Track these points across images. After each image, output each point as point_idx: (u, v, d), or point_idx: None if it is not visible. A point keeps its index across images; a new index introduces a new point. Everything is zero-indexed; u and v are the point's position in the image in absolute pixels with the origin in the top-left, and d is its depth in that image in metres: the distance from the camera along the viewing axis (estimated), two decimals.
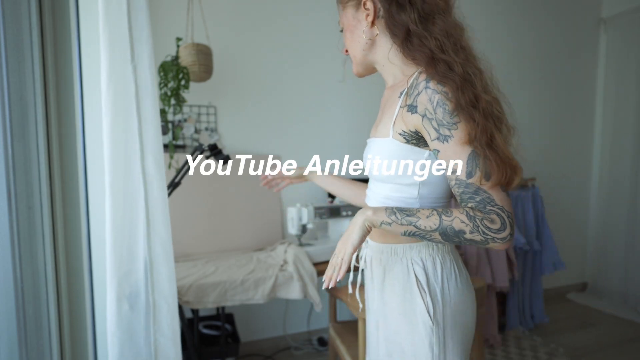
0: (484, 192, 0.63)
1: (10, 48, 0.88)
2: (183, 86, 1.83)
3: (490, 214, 0.62)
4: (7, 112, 0.86)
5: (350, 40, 0.79)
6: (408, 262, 0.75)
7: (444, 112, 0.64)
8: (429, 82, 0.66)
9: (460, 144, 0.64)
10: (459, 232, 0.63)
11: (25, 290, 0.92)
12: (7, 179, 0.86)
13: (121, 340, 0.93)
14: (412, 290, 0.73)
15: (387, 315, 0.77)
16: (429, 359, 0.71)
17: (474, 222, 0.62)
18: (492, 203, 0.62)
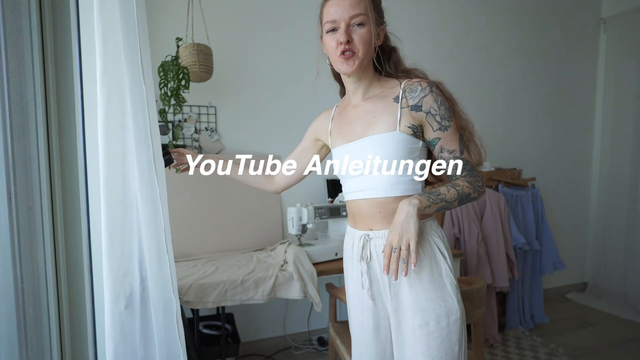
0: (469, 163, 0.88)
1: (10, 48, 0.88)
2: (183, 86, 1.83)
3: (476, 177, 0.86)
4: (7, 112, 0.86)
5: (369, 42, 0.89)
6: (427, 236, 0.89)
7: (445, 109, 0.88)
8: (432, 88, 0.88)
9: (454, 131, 0.89)
10: (468, 195, 0.84)
11: (25, 290, 0.92)
12: (7, 179, 0.86)
13: (116, 340, 0.93)
14: (437, 259, 0.87)
15: (417, 287, 0.87)
16: (458, 314, 0.86)
17: (473, 185, 0.85)
18: (474, 169, 0.88)
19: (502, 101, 2.99)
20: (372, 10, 0.88)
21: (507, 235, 2.39)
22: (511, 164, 3.01)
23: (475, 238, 2.27)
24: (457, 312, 0.86)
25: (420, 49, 2.66)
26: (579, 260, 3.39)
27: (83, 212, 1.03)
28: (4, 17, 0.85)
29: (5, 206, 0.85)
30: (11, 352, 0.88)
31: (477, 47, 2.86)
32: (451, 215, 2.30)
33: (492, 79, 2.94)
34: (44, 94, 1.00)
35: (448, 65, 2.76)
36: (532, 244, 2.57)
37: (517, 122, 3.06)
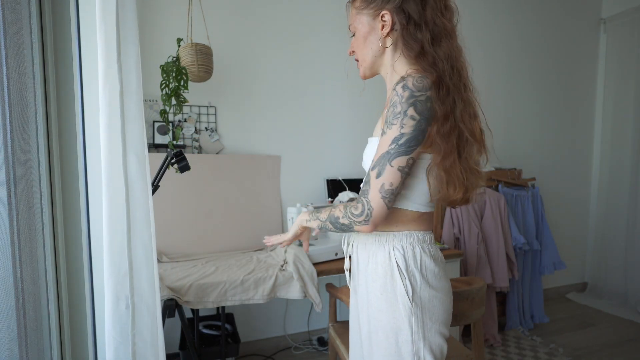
0: (368, 185, 0.76)
1: (10, 48, 0.88)
2: (182, 86, 1.83)
3: (358, 203, 0.78)
4: (7, 112, 0.86)
5: (363, 45, 0.86)
6: (389, 249, 0.83)
7: (392, 112, 0.74)
8: (398, 84, 0.74)
9: (384, 142, 0.75)
10: (337, 218, 0.81)
11: (25, 290, 0.92)
12: (7, 179, 0.86)
13: (116, 340, 0.93)
14: (393, 274, 0.81)
15: (370, 295, 0.84)
16: (408, 336, 0.79)
17: (345, 211, 0.80)
18: (366, 195, 0.76)
19: (502, 101, 2.99)
20: (363, 10, 0.84)
21: (507, 235, 2.39)
22: (511, 164, 3.01)
23: (475, 238, 2.27)
24: (407, 333, 0.79)
25: None
26: (579, 260, 3.39)
27: (83, 212, 1.03)
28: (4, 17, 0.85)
29: (5, 206, 0.85)
30: (11, 352, 0.88)
31: (476, 47, 2.86)
32: (451, 215, 2.30)
33: (491, 79, 2.94)
34: (44, 94, 1.00)
35: None
36: (532, 244, 2.57)
37: (517, 122, 3.06)
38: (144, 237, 0.97)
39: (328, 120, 2.41)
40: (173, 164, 1.50)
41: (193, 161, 1.97)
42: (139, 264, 0.96)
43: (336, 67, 2.41)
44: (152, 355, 0.99)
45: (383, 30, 0.82)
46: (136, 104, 0.95)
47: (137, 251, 0.96)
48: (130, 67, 0.93)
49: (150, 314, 0.99)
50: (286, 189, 2.30)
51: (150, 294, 0.99)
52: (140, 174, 0.96)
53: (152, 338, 0.99)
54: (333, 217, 0.82)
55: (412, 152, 0.74)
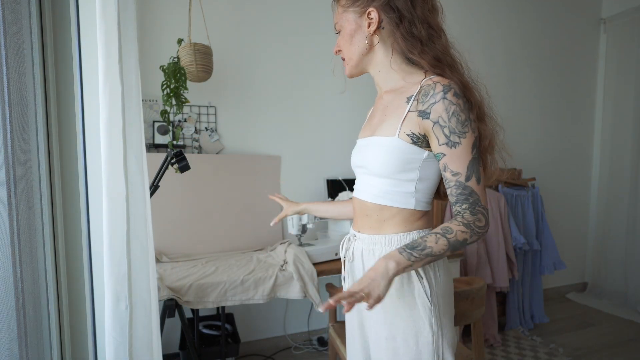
0: (475, 194, 0.75)
1: (10, 48, 0.88)
2: (181, 86, 1.83)
3: (477, 215, 0.75)
4: (7, 112, 0.86)
5: (349, 43, 0.85)
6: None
7: (457, 121, 0.74)
8: (446, 93, 0.74)
9: (465, 151, 0.74)
10: (463, 242, 0.74)
11: (25, 290, 0.92)
12: (7, 179, 0.86)
13: (117, 340, 0.93)
14: (410, 276, 0.80)
15: (385, 300, 0.80)
16: (429, 337, 0.78)
17: (470, 229, 0.74)
18: (479, 204, 0.75)
19: (502, 101, 2.99)
20: (349, 8, 0.82)
21: (507, 235, 2.39)
22: (511, 164, 3.01)
23: None
24: (428, 334, 0.78)
25: None
26: (579, 260, 3.39)
27: (83, 212, 1.03)
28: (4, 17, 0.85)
29: (5, 206, 0.85)
30: (11, 352, 0.88)
31: (476, 47, 2.86)
32: (451, 215, 2.30)
33: (491, 79, 2.94)
34: (44, 94, 1.00)
35: None
36: (532, 244, 2.57)
37: (517, 122, 3.06)
38: (141, 238, 0.97)
39: (328, 120, 2.41)
40: (173, 164, 1.50)
41: (193, 161, 1.97)
42: (136, 264, 0.97)
43: (337, 67, 2.41)
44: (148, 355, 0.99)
45: (370, 28, 0.81)
46: (136, 104, 0.95)
47: (135, 251, 0.96)
48: (131, 67, 0.93)
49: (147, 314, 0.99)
50: (286, 189, 2.30)
51: (147, 294, 0.99)
52: (139, 175, 0.96)
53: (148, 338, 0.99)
54: (458, 243, 0.74)
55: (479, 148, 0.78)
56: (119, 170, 0.91)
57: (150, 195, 1.40)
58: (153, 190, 1.47)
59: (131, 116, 0.94)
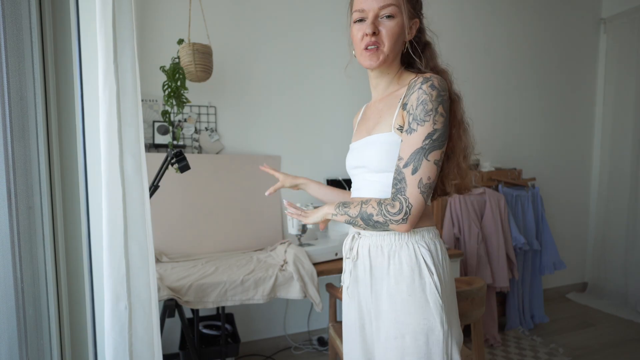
0: (404, 182, 0.76)
1: (10, 48, 0.88)
2: (180, 86, 1.83)
3: (395, 201, 0.77)
4: (7, 112, 0.86)
5: (397, 37, 0.83)
6: (414, 246, 0.81)
7: (422, 109, 0.76)
8: (423, 84, 0.77)
9: (416, 139, 0.76)
10: (370, 215, 0.78)
11: (25, 290, 0.92)
12: (7, 179, 0.86)
13: (116, 340, 0.93)
14: (421, 272, 0.80)
15: (395, 298, 0.81)
16: (440, 335, 0.78)
17: (380, 208, 0.78)
18: (402, 193, 0.76)
19: (502, 101, 2.99)
20: (405, 2, 0.82)
21: (507, 235, 2.39)
22: (511, 164, 3.01)
23: (475, 238, 2.27)
24: (439, 333, 0.78)
25: None
26: (579, 260, 3.39)
27: (83, 212, 1.03)
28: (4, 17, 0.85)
29: (5, 206, 0.85)
30: (11, 352, 0.88)
31: (476, 47, 2.86)
32: (451, 215, 2.30)
33: (491, 79, 2.94)
34: (44, 94, 1.00)
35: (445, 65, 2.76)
36: (532, 244, 2.57)
37: (517, 122, 3.06)
38: (140, 238, 0.97)
39: (328, 120, 2.41)
40: (173, 164, 1.50)
41: (193, 161, 1.97)
42: (135, 264, 0.96)
43: (337, 68, 2.41)
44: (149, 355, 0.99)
45: (409, 35, 0.85)
46: (133, 104, 0.95)
47: (133, 251, 0.96)
48: (127, 67, 0.93)
49: (146, 314, 0.99)
50: (286, 189, 2.30)
51: (146, 294, 0.99)
52: (136, 175, 0.96)
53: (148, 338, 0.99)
54: (365, 214, 0.79)
55: (443, 146, 0.77)
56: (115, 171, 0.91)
57: (150, 195, 1.40)
58: (153, 190, 1.47)
59: (128, 116, 0.94)
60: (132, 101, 0.95)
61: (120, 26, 0.91)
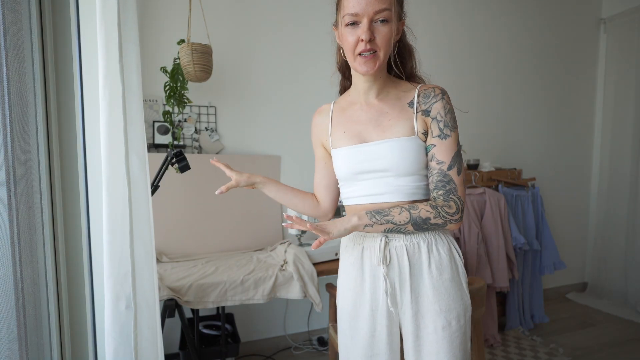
0: (453, 183, 0.83)
1: (10, 48, 0.88)
2: (180, 86, 1.83)
3: (449, 202, 0.82)
4: (7, 112, 0.86)
5: (391, 40, 0.82)
6: (449, 240, 0.90)
7: (451, 117, 0.85)
8: (444, 95, 0.86)
9: (453, 143, 0.84)
10: (426, 220, 0.81)
11: (25, 290, 0.92)
12: (7, 179, 0.86)
13: (116, 341, 0.93)
14: (456, 261, 0.89)
15: (440, 289, 0.86)
16: (469, 313, 0.90)
17: (436, 210, 0.81)
18: (455, 193, 0.83)
19: (502, 101, 2.99)
20: (396, 3, 0.81)
21: (507, 235, 2.39)
22: (511, 164, 3.01)
23: (475, 238, 2.27)
24: (470, 308, 0.91)
25: (419, 49, 2.66)
26: (579, 260, 3.39)
27: (83, 212, 1.03)
28: (4, 17, 0.85)
29: (5, 206, 0.85)
30: (11, 352, 0.88)
31: (476, 47, 2.86)
32: None
33: (492, 79, 2.94)
34: (44, 94, 1.00)
35: (447, 65, 2.76)
36: (532, 244, 2.57)
37: (517, 122, 3.06)
38: (145, 237, 0.97)
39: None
40: (173, 164, 1.50)
41: (193, 161, 1.97)
42: (140, 263, 0.97)
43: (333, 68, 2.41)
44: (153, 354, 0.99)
45: (397, 36, 0.87)
46: (137, 104, 0.96)
47: (139, 251, 0.96)
48: (132, 67, 0.93)
49: (151, 313, 0.99)
50: None
51: (151, 293, 0.99)
52: (141, 175, 0.96)
53: (152, 337, 0.99)
54: (420, 219, 0.80)
55: None
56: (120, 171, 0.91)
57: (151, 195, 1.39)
58: (153, 190, 1.47)
59: (132, 116, 0.94)
60: (137, 101, 0.95)
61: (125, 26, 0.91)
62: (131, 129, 0.94)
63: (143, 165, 0.97)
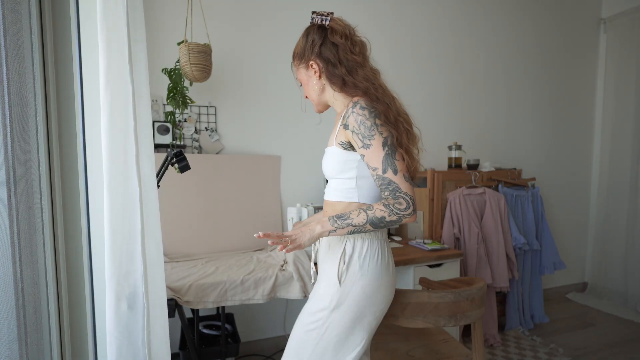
0: (393, 183, 0.92)
1: (10, 48, 0.88)
2: (180, 87, 1.83)
3: (399, 199, 0.91)
4: (7, 112, 0.86)
5: (307, 89, 1.12)
6: (344, 239, 1.01)
7: (364, 127, 0.93)
8: (354, 108, 0.95)
9: (377, 149, 0.93)
10: (381, 218, 0.91)
11: (25, 290, 0.92)
12: (7, 179, 0.86)
13: (119, 340, 0.93)
14: (338, 258, 0.99)
15: (322, 273, 1.05)
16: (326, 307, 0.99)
17: (389, 209, 0.91)
18: (400, 191, 0.92)
19: (502, 101, 3.00)
20: (299, 65, 1.09)
21: (507, 235, 2.39)
22: (511, 164, 3.01)
23: (475, 238, 2.27)
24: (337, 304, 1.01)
25: (420, 49, 2.66)
26: (579, 260, 3.39)
27: (83, 212, 1.03)
28: (4, 17, 0.85)
29: (5, 206, 0.85)
30: (11, 352, 0.88)
31: (477, 47, 2.86)
32: (451, 215, 2.30)
33: (492, 79, 2.94)
34: (44, 94, 1.00)
35: (447, 65, 2.76)
36: (532, 244, 2.57)
37: (517, 122, 3.06)
38: (156, 236, 0.98)
39: (328, 120, 2.41)
40: (173, 164, 1.50)
41: (193, 161, 1.97)
42: (152, 262, 0.97)
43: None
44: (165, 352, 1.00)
45: (316, 75, 1.06)
46: (145, 104, 0.96)
47: (151, 250, 0.96)
48: (141, 68, 0.94)
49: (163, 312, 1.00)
50: (286, 189, 2.30)
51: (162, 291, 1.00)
52: (151, 174, 0.97)
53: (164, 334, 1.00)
54: (376, 219, 0.91)
55: (398, 146, 0.94)
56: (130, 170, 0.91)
57: None
58: None
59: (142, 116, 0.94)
60: (145, 101, 0.95)
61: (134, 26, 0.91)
62: (141, 129, 0.94)
63: (152, 165, 0.97)
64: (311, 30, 1.05)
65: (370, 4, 2.51)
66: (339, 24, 1.04)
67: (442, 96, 2.76)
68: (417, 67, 2.67)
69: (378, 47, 2.54)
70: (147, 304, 0.96)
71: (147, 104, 0.96)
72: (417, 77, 2.67)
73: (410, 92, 2.65)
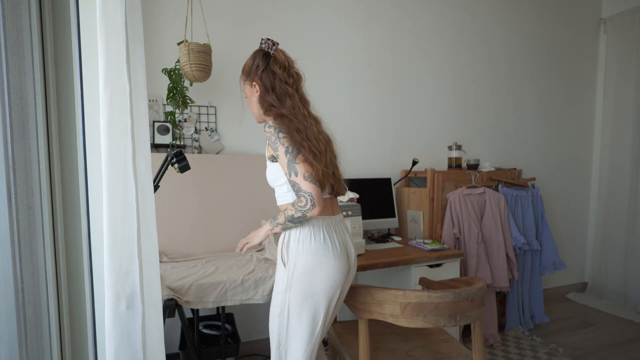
0: (297, 185, 1.11)
1: (11, 48, 0.88)
2: (180, 87, 1.83)
3: (300, 198, 1.10)
4: (7, 112, 0.86)
5: (250, 103, 1.29)
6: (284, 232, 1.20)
7: (272, 142, 1.14)
8: (265, 127, 1.16)
9: (282, 158, 1.13)
10: (292, 216, 1.12)
11: (25, 290, 0.92)
12: (7, 179, 0.86)
13: (117, 340, 0.93)
14: (280, 246, 1.20)
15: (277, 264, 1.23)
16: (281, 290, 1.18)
17: (294, 207, 1.11)
18: (301, 190, 1.10)
19: (502, 101, 3.00)
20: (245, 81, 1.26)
21: (507, 235, 2.39)
22: (511, 164, 3.01)
23: (475, 238, 2.27)
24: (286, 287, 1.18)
25: (420, 49, 2.66)
26: (579, 260, 3.39)
27: (83, 212, 1.03)
28: (4, 17, 0.85)
29: (5, 206, 0.85)
30: (11, 352, 0.88)
31: (477, 47, 2.86)
32: (451, 216, 2.30)
33: (492, 79, 2.94)
34: (44, 94, 1.00)
35: (447, 65, 2.76)
36: (532, 244, 2.57)
37: (517, 122, 3.06)
38: (152, 237, 0.98)
39: (327, 120, 2.41)
40: (173, 164, 1.50)
41: (193, 161, 1.97)
42: (148, 263, 0.97)
43: (338, 66, 2.41)
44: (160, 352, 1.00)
45: (257, 93, 1.23)
46: (143, 105, 0.96)
47: (146, 250, 0.96)
48: (138, 68, 0.94)
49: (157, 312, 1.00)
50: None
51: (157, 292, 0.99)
52: (147, 175, 0.97)
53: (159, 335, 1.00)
54: (289, 217, 1.12)
55: (300, 152, 1.12)
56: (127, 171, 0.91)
57: None
58: (154, 190, 1.47)
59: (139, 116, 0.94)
60: (142, 101, 0.95)
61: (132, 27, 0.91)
62: (138, 130, 0.94)
63: (148, 165, 0.97)
64: (258, 55, 1.25)
65: (370, 4, 2.51)
66: (281, 55, 1.24)
67: (442, 96, 2.76)
68: (418, 68, 2.67)
69: (378, 47, 2.55)
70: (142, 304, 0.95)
71: (144, 104, 0.96)
72: (418, 77, 2.67)
73: (410, 92, 2.65)
